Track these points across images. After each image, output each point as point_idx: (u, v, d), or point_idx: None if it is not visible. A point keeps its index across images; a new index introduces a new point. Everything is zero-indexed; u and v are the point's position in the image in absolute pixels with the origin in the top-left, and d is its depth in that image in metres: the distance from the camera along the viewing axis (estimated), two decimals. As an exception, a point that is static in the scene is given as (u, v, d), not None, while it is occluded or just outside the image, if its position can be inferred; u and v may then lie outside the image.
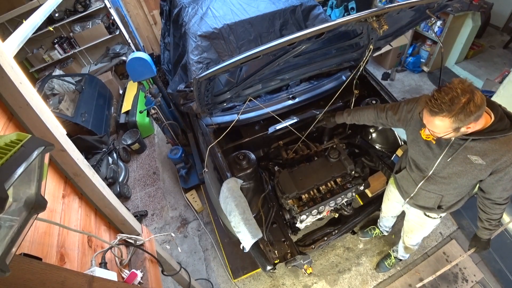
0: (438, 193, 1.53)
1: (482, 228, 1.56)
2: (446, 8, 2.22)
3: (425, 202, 1.63)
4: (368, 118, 1.79)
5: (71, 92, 4.03)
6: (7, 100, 0.92)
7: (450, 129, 1.15)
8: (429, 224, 1.84)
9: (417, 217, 1.84)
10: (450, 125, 1.13)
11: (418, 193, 1.61)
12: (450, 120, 1.11)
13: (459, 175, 1.36)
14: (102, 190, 1.27)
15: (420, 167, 1.51)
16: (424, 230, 1.91)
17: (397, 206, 2.00)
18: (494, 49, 4.35)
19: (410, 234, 2.02)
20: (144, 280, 1.27)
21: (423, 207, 1.68)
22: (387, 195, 2.04)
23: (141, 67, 2.58)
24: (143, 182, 3.63)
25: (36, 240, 0.92)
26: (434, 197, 1.56)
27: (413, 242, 2.07)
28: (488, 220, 1.49)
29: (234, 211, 1.76)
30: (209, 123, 2.19)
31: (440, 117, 1.12)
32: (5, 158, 0.59)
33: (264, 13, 2.40)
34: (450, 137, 1.23)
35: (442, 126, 1.15)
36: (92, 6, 4.26)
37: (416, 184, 1.58)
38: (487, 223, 1.50)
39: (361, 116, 1.82)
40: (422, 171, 1.51)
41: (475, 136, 1.22)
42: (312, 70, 2.19)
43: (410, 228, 1.97)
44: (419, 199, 1.65)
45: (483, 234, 1.60)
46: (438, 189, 1.50)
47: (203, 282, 2.59)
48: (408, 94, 4.04)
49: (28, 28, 1.20)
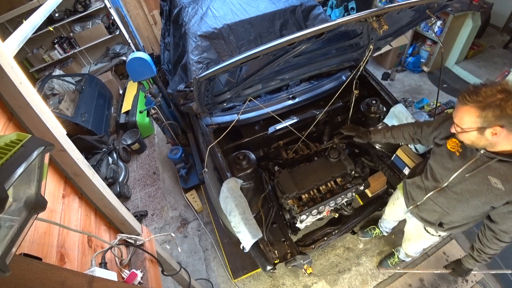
0: (444, 209, 1.46)
1: (470, 256, 1.49)
2: (446, 8, 2.22)
3: (429, 215, 1.58)
4: (406, 135, 1.70)
5: (71, 92, 4.03)
6: (7, 100, 0.92)
7: (474, 125, 1.09)
8: (426, 239, 1.80)
9: (416, 229, 1.81)
10: (476, 120, 1.07)
11: (425, 202, 1.55)
12: (477, 113, 1.06)
13: (472, 194, 1.28)
14: (102, 190, 1.27)
15: (436, 176, 1.45)
16: (421, 242, 1.88)
17: (399, 213, 1.99)
18: (494, 49, 4.35)
19: (408, 243, 2.01)
20: (144, 280, 1.27)
21: (425, 219, 1.63)
22: (393, 199, 2.02)
23: (141, 67, 2.58)
24: (143, 182, 3.63)
25: (36, 240, 0.92)
26: (439, 212, 1.50)
27: (411, 250, 2.05)
28: (479, 251, 1.42)
29: (234, 211, 1.76)
30: (209, 123, 2.19)
31: (468, 107, 1.07)
32: (5, 158, 0.59)
33: (264, 13, 2.40)
34: (473, 141, 1.16)
35: (467, 118, 1.10)
36: (92, 6, 4.26)
37: (427, 193, 1.51)
38: (477, 253, 1.44)
39: (399, 133, 1.73)
40: (437, 181, 1.45)
41: (503, 157, 1.14)
42: (312, 70, 2.19)
43: (408, 237, 1.96)
44: (424, 209, 1.59)
45: (467, 262, 1.53)
46: (446, 204, 1.44)
47: (203, 282, 2.58)
48: (408, 94, 4.04)
49: (28, 28, 1.20)
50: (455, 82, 4.03)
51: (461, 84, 3.99)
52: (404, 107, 2.17)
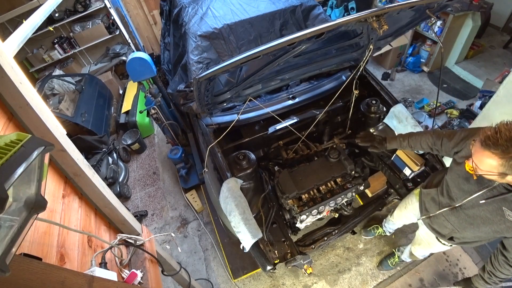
0: (455, 227, 1.45)
1: (480, 277, 1.48)
2: (446, 8, 2.22)
3: (440, 228, 1.57)
4: (424, 145, 1.62)
5: (71, 92, 4.03)
6: (7, 100, 0.92)
7: (495, 171, 1.04)
8: (436, 246, 1.78)
9: (427, 235, 1.79)
10: (497, 167, 1.02)
11: (438, 216, 1.54)
12: (500, 162, 1.00)
13: (484, 221, 1.27)
14: (102, 190, 1.27)
15: (451, 195, 1.42)
16: (431, 248, 1.87)
17: (411, 217, 1.97)
18: (494, 49, 4.35)
19: (418, 246, 1.99)
20: (144, 280, 1.27)
21: (436, 231, 1.62)
22: (406, 204, 1.99)
23: (141, 67, 2.58)
24: (143, 182, 3.63)
25: (36, 240, 0.92)
26: (450, 229, 1.49)
27: (419, 253, 2.04)
28: (490, 273, 1.40)
29: (234, 211, 1.76)
30: (209, 123, 2.19)
31: (491, 153, 1.01)
32: (5, 158, 0.59)
33: (264, 13, 2.40)
34: (491, 179, 1.11)
35: (488, 163, 1.04)
36: (92, 6, 4.25)
37: (440, 208, 1.49)
38: (487, 276, 1.42)
39: (417, 142, 1.64)
40: (452, 199, 1.41)
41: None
42: (312, 70, 2.19)
43: (419, 241, 1.94)
44: (436, 222, 1.58)
45: (477, 283, 1.51)
46: (458, 224, 1.43)
47: (203, 282, 2.58)
48: (408, 94, 4.04)
49: (28, 28, 1.20)
50: (455, 82, 4.03)
51: (461, 84, 3.99)
52: (404, 107, 2.17)
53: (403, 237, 2.62)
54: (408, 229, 2.59)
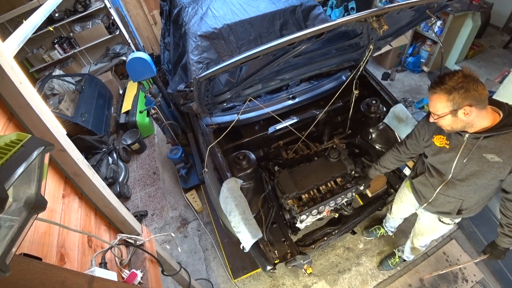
0: (458, 198, 1.50)
1: (502, 235, 1.47)
2: (446, 8, 2.22)
3: (444, 207, 1.60)
4: (392, 158, 1.78)
5: (71, 92, 4.03)
6: (7, 100, 0.92)
7: (446, 110, 1.20)
8: (441, 229, 1.82)
9: (430, 222, 1.82)
10: (446, 104, 1.18)
11: (437, 198, 1.59)
12: (445, 98, 1.17)
13: (477, 176, 1.34)
14: (102, 190, 1.27)
15: (439, 171, 1.51)
16: (435, 234, 1.90)
17: (409, 209, 1.99)
18: (494, 49, 4.35)
19: (420, 237, 2.01)
20: (144, 280, 1.27)
21: (441, 212, 1.66)
22: (400, 197, 2.03)
23: (141, 67, 2.58)
24: (143, 182, 3.63)
25: (36, 240, 0.92)
26: (454, 202, 1.53)
27: (422, 243, 2.06)
28: (508, 225, 1.42)
29: (234, 211, 1.76)
30: (209, 123, 2.19)
31: (437, 94, 1.19)
32: (5, 158, 0.59)
33: (264, 13, 2.40)
34: (451, 126, 1.25)
35: (439, 104, 1.21)
36: (92, 6, 4.26)
37: (435, 189, 1.56)
38: (507, 229, 1.43)
39: (385, 160, 1.82)
40: (441, 175, 1.50)
41: (486, 133, 1.22)
42: (312, 70, 2.19)
43: (421, 231, 1.96)
44: (438, 204, 1.62)
45: (501, 242, 1.50)
46: (458, 193, 1.48)
47: (203, 282, 2.58)
48: (408, 94, 4.04)
49: (28, 28, 1.20)
50: (455, 82, 4.03)
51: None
52: (404, 107, 2.17)
53: (403, 237, 2.62)
54: (408, 229, 2.58)
